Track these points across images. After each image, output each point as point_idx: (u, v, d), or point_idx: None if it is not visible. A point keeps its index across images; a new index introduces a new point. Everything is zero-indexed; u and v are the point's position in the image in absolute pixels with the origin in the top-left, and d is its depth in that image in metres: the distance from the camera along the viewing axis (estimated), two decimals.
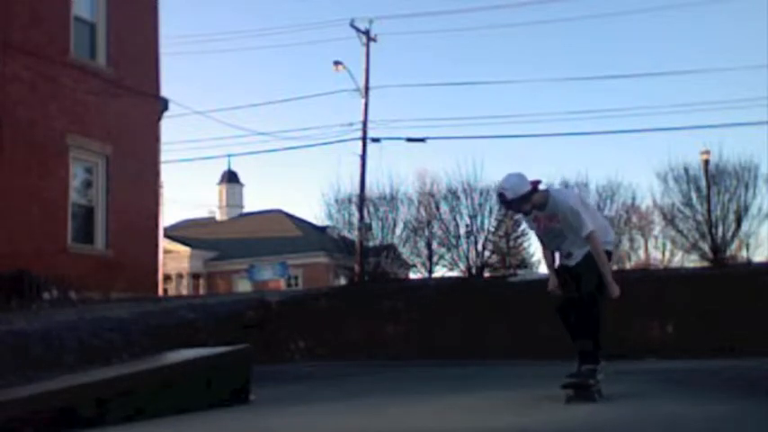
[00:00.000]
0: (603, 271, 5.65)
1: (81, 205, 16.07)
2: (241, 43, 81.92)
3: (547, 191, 5.84)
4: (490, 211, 15.60)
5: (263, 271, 33.86)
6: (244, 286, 35.60)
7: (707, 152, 15.72)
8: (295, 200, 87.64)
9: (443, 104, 68.84)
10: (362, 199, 18.96)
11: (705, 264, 14.04)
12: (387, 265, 17.26)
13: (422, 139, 26.55)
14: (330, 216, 18.74)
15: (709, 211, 14.30)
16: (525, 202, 5.67)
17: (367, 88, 27.66)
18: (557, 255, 6.04)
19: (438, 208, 16.08)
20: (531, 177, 5.80)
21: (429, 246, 16.46)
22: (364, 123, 27.39)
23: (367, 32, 27.90)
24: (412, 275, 17.41)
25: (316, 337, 11.94)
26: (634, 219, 16.66)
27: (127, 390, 6.19)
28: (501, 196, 5.77)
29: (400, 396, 6.94)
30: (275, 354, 11.05)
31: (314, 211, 64.04)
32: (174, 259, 39.10)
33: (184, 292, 39.76)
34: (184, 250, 41.89)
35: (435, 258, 16.46)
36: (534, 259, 26.65)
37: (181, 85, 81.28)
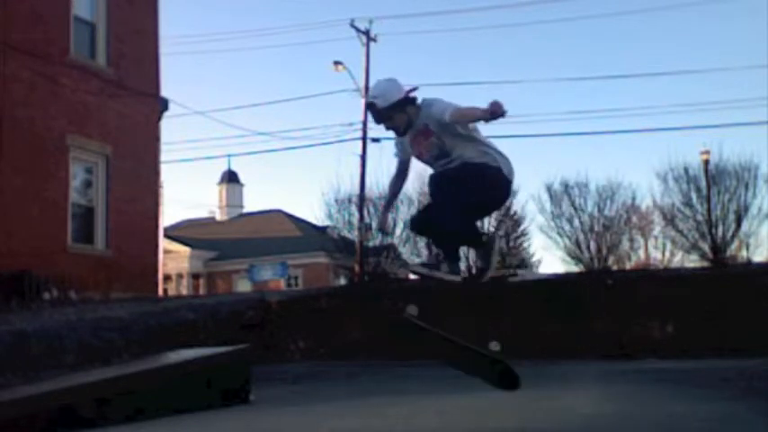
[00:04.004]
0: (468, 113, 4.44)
1: (81, 205, 16.08)
2: (241, 43, 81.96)
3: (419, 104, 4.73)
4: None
5: (263, 271, 33.86)
6: (244, 286, 35.59)
7: (707, 152, 15.75)
8: (295, 200, 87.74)
9: None
10: (362, 199, 19.00)
11: (705, 264, 14.05)
12: (387, 265, 17.28)
13: None
14: (330, 216, 18.81)
15: (709, 211, 14.33)
16: (399, 112, 4.67)
17: (367, 88, 27.64)
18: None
19: None
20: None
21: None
22: (364, 123, 27.40)
23: (367, 32, 27.94)
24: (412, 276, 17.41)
25: (316, 337, 11.92)
26: (634, 219, 16.70)
27: (127, 390, 6.19)
28: (371, 106, 4.75)
29: (400, 396, 6.94)
30: (275, 354, 11.04)
31: (314, 211, 64.12)
32: (173, 259, 39.09)
33: (184, 292, 39.74)
34: (184, 250, 41.87)
35: None
36: (534, 259, 26.72)
37: (181, 85, 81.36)
